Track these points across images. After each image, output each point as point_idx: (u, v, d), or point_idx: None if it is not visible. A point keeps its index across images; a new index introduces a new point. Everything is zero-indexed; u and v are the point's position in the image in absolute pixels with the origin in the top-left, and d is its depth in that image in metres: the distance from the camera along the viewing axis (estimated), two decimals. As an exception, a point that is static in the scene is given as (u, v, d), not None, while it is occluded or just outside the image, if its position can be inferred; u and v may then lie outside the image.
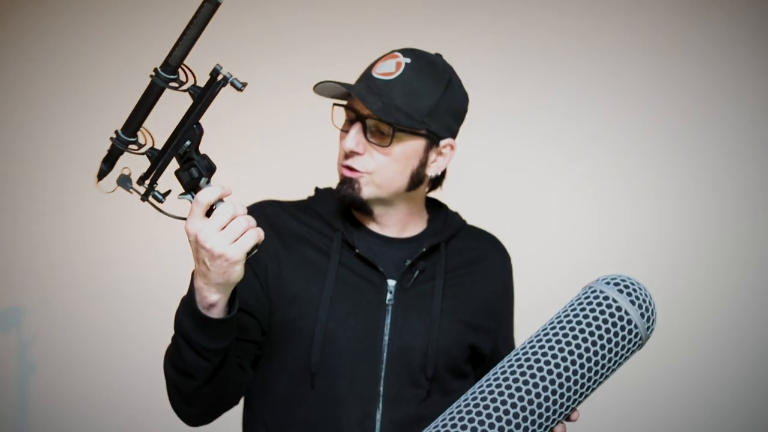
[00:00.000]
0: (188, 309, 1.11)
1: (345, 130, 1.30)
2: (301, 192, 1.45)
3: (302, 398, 1.27)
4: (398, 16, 2.63)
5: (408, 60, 1.28)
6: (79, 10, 2.71)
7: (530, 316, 2.38)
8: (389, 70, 1.27)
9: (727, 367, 2.52)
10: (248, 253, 1.05)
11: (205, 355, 1.12)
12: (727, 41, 2.56)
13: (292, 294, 1.28)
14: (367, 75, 1.30)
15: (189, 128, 1.06)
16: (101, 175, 1.08)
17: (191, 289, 1.11)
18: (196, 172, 1.06)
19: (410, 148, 1.29)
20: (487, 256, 1.42)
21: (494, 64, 2.59)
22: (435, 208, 1.43)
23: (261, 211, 1.32)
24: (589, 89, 2.59)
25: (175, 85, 1.03)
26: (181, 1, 2.63)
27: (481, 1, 2.63)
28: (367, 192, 1.29)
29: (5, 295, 2.67)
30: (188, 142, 1.06)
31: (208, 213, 1.05)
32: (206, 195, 1.04)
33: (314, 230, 1.33)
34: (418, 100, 1.26)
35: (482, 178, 2.56)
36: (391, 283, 1.30)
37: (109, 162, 1.07)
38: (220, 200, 1.05)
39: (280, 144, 2.62)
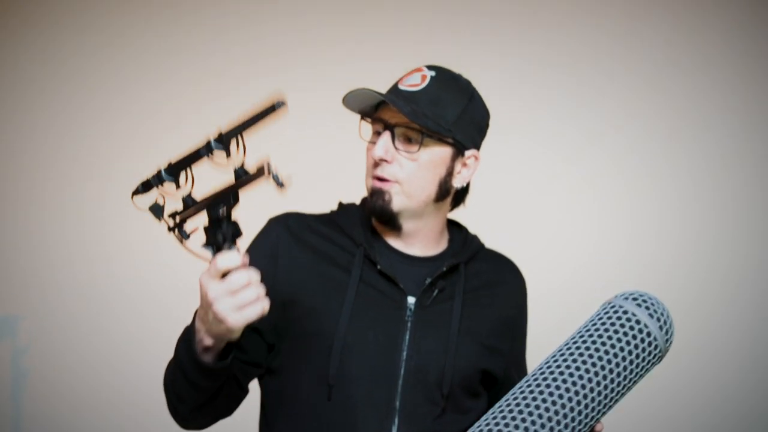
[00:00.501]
0: (186, 342, 1.15)
1: (372, 142, 1.33)
2: (301, 203, 1.45)
3: (319, 410, 1.28)
4: (398, 19, 2.63)
5: (433, 73, 1.33)
6: (79, 10, 2.71)
7: (529, 318, 2.39)
8: (415, 82, 1.32)
9: (727, 367, 2.52)
10: (250, 324, 1.09)
11: (197, 388, 1.16)
12: (727, 42, 2.56)
13: (311, 307, 1.29)
14: (393, 88, 1.33)
15: (225, 196, 1.10)
16: (136, 193, 1.12)
17: (191, 331, 1.14)
18: (221, 238, 1.09)
19: (438, 155, 1.32)
20: (505, 280, 1.45)
21: (493, 67, 2.60)
22: (455, 229, 1.46)
23: (284, 223, 1.35)
24: (588, 91, 2.59)
25: (222, 157, 1.08)
26: (180, 2, 2.66)
27: (479, 5, 2.63)
28: (397, 202, 1.31)
29: (4, 293, 2.67)
30: (223, 208, 1.10)
31: (224, 273, 1.08)
32: (225, 261, 1.07)
33: (336, 245, 1.34)
34: (443, 110, 1.30)
35: (480, 180, 2.56)
36: (411, 300, 1.31)
37: (145, 187, 1.12)
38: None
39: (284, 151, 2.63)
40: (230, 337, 1.11)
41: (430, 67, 1.34)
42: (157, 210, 1.11)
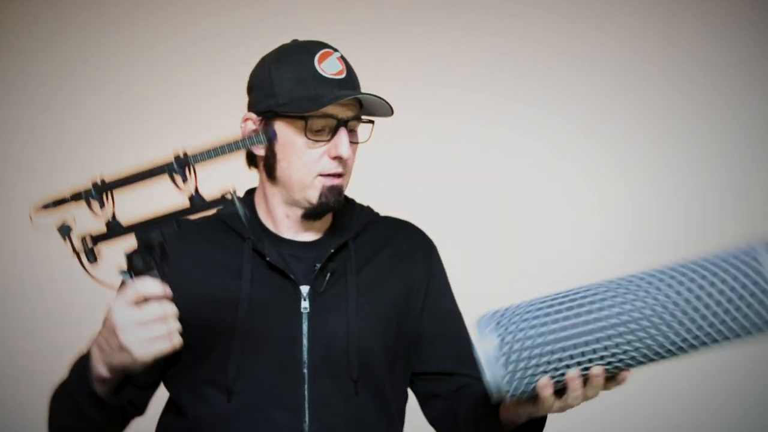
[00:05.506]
0: (80, 371, 1.09)
1: (317, 140, 1.26)
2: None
3: (222, 419, 1.24)
4: (379, 16, 2.63)
5: (339, 53, 1.29)
6: (78, 8, 2.69)
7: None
8: (339, 68, 1.27)
9: (726, 366, 2.51)
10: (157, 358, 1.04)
11: (87, 420, 1.11)
12: (726, 37, 2.56)
13: (203, 321, 1.24)
14: (325, 79, 1.25)
15: (170, 221, 1.05)
16: (44, 207, 1.04)
17: (86, 362, 1.09)
18: (148, 263, 1.03)
19: None
20: (400, 242, 1.38)
21: (485, 61, 2.59)
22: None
23: None
24: (581, 85, 2.59)
25: (180, 181, 1.03)
26: (179, 1, 2.65)
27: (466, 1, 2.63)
28: (343, 193, 1.30)
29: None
30: (159, 233, 1.04)
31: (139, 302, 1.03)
32: (147, 288, 1.02)
33: (223, 246, 1.30)
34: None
35: (478, 178, 2.55)
36: (305, 289, 1.27)
37: (60, 203, 1.04)
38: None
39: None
40: (131, 369, 1.04)
41: (330, 47, 1.30)
42: (65, 230, 1.03)
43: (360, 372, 1.26)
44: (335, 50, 1.29)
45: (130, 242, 1.05)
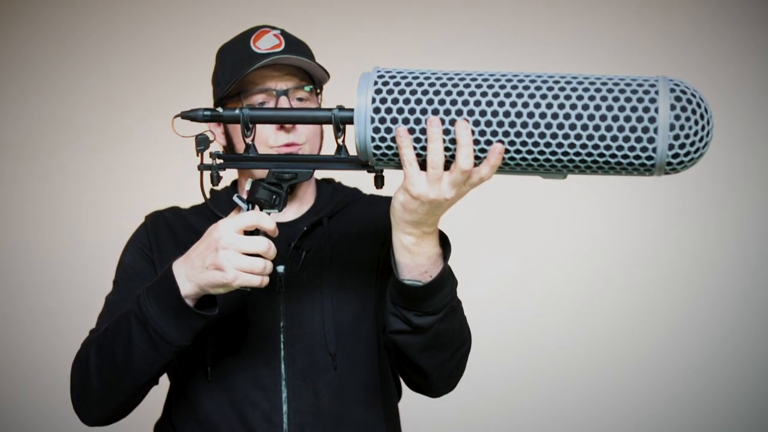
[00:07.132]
0: (159, 294, 1.10)
1: None
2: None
3: (201, 397, 1.25)
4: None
5: (278, 31, 1.31)
6: (80, 7, 2.69)
7: (531, 316, 2.37)
8: (275, 43, 1.28)
9: (726, 365, 2.51)
10: (241, 288, 1.07)
11: (163, 346, 1.11)
12: (726, 35, 2.56)
13: None
14: (258, 55, 1.26)
15: (308, 166, 1.09)
16: (191, 117, 1.08)
17: (169, 277, 1.10)
18: (277, 200, 1.08)
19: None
20: (373, 214, 1.36)
21: (484, 54, 2.59)
22: (324, 183, 1.40)
23: (160, 218, 1.34)
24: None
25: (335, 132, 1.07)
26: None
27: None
28: None
29: None
30: (296, 175, 1.09)
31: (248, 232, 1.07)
32: (264, 220, 1.06)
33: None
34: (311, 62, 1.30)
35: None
36: (280, 269, 1.27)
37: (209, 118, 1.08)
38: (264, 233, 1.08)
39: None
40: (211, 290, 1.08)
41: (270, 26, 1.31)
42: (203, 141, 1.07)
43: (338, 346, 1.26)
44: (274, 28, 1.30)
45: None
